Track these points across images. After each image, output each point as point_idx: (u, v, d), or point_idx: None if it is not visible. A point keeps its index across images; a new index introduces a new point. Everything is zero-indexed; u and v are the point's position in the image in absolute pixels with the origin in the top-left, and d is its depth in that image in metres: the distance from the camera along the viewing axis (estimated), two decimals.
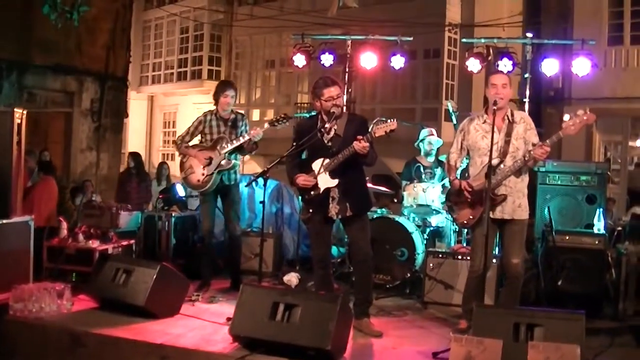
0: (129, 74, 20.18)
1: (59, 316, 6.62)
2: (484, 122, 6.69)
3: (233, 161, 8.19)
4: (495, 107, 6.44)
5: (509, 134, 6.58)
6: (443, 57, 22.75)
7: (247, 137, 8.03)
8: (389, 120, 6.32)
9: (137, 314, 6.66)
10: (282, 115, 7.96)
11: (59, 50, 16.84)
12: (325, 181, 6.57)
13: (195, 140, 8.51)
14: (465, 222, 6.88)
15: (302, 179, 6.62)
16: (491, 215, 6.46)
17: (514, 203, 6.57)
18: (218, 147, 8.12)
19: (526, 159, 6.44)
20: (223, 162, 8.10)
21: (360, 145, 6.23)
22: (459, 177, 6.95)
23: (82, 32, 17.20)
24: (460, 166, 7.09)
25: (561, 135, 6.36)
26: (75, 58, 17.53)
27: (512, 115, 6.68)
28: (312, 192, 6.63)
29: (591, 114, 6.27)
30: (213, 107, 8.42)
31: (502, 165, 6.53)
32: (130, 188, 13.54)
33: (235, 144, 8.06)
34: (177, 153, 8.63)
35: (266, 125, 8.07)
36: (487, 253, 6.40)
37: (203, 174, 8.16)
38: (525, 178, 6.69)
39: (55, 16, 14.92)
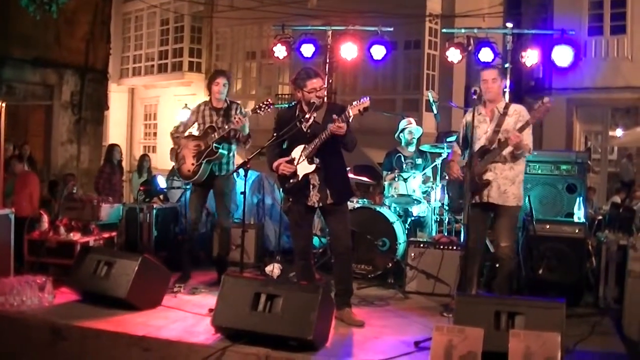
0: (109, 67, 20.13)
1: (40, 309, 6.59)
2: (479, 113, 7.01)
3: (220, 151, 8.04)
4: (486, 100, 6.94)
5: (498, 125, 6.85)
6: (424, 48, 22.75)
7: (231, 126, 7.95)
8: (362, 99, 6.34)
9: (119, 306, 6.64)
10: (265, 102, 7.88)
11: (37, 43, 16.78)
12: (304, 167, 6.60)
13: (192, 131, 8.42)
14: (455, 205, 7.54)
15: (282, 167, 6.64)
16: (479, 200, 6.82)
17: (499, 189, 6.79)
18: (208, 137, 8.05)
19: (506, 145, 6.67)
20: (210, 152, 8.00)
21: (335, 125, 6.24)
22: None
23: (61, 25, 17.15)
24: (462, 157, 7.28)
25: (529, 123, 6.66)
26: (54, 51, 17.48)
27: (507, 107, 6.93)
28: (291, 180, 6.65)
29: (550, 102, 6.55)
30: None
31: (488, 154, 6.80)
32: (115, 180, 13.46)
33: (222, 133, 7.98)
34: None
35: (249, 111, 7.99)
36: (468, 237, 6.79)
37: (193, 164, 8.09)
38: (516, 167, 6.87)
39: (33, 8, 14.85)
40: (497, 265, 7.12)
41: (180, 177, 8.53)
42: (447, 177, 7.27)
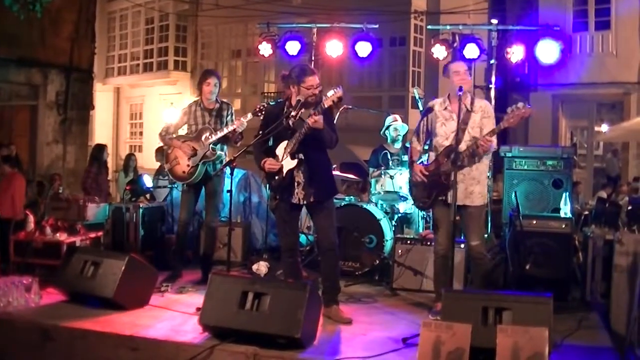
0: (94, 66, 20.05)
1: (27, 310, 6.57)
2: (445, 108, 6.89)
3: (218, 152, 8.09)
4: (461, 93, 6.63)
5: (465, 122, 6.75)
6: (409, 45, 22.74)
7: (231, 128, 7.94)
8: (335, 89, 6.37)
9: (106, 306, 6.63)
10: (264, 105, 7.90)
11: (22, 42, 16.70)
12: (287, 163, 6.64)
13: (181, 132, 8.41)
14: (421, 204, 7.26)
15: (268, 164, 6.66)
16: (444, 200, 6.75)
17: (466, 190, 6.75)
18: (202, 138, 8.04)
19: (474, 147, 6.60)
20: (208, 153, 8.03)
21: (312, 119, 6.29)
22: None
23: (46, 24, 17.08)
24: (423, 150, 7.21)
25: (501, 127, 6.55)
26: (39, 50, 17.40)
27: (472, 103, 6.82)
28: (277, 177, 6.67)
29: (529, 109, 6.42)
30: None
31: None
32: (101, 180, 13.39)
33: (219, 134, 7.98)
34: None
35: (249, 115, 7.98)
36: (454, 235, 6.59)
37: (188, 165, 8.09)
38: (481, 167, 6.83)
39: (17, 8, 14.77)
40: (472, 264, 7.18)
41: (173, 178, 8.50)
42: (412, 178, 7.14)
